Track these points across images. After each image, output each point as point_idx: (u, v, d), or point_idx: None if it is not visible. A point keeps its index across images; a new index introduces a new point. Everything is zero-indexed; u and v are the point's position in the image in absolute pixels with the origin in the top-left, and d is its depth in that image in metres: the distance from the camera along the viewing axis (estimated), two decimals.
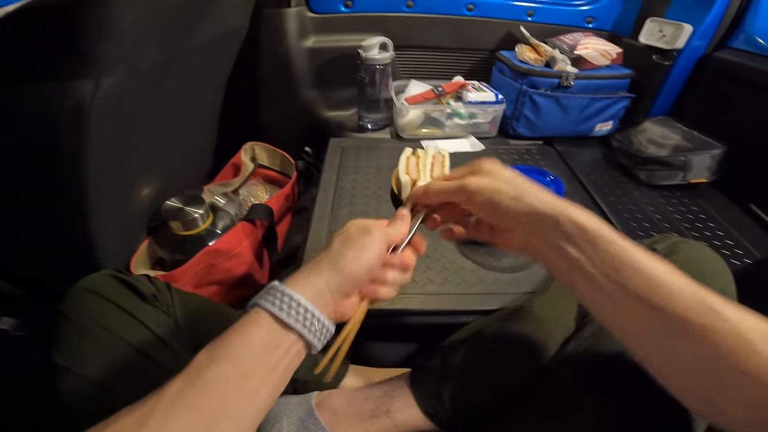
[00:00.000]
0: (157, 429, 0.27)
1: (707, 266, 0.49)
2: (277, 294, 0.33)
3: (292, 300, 0.33)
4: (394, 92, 1.15)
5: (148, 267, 0.80)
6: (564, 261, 0.34)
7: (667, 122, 1.06)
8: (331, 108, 1.28)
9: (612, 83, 1.11)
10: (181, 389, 0.29)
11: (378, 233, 0.38)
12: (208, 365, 0.30)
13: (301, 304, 0.33)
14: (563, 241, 0.34)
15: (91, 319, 0.46)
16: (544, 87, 1.08)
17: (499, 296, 0.67)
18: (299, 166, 1.16)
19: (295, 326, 0.33)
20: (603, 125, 1.16)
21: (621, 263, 0.31)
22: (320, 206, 0.87)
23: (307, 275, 0.36)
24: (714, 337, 0.27)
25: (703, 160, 0.94)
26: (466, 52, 1.29)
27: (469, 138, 1.14)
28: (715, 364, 0.27)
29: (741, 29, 1.01)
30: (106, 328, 0.46)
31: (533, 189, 0.36)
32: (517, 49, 1.15)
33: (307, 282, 0.35)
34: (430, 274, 0.72)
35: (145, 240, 0.80)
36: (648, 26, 1.10)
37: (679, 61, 1.06)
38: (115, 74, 0.55)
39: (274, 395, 0.33)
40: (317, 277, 0.35)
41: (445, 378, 0.53)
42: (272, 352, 0.32)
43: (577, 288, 0.34)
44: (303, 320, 0.33)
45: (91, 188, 0.61)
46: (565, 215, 0.34)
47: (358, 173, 0.98)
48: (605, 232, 0.33)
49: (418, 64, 1.30)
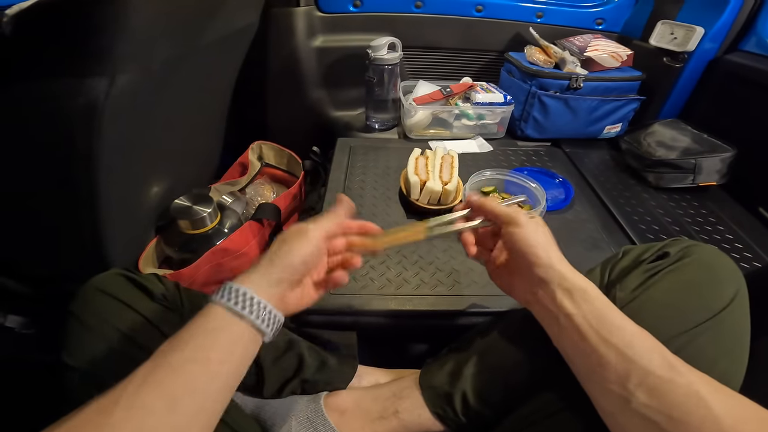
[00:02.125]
0: (128, 404, 0.30)
1: (719, 270, 0.48)
2: (227, 290, 0.38)
3: (239, 292, 0.37)
4: (402, 92, 1.14)
5: (156, 266, 0.81)
6: (560, 312, 0.40)
7: (676, 125, 1.05)
8: (339, 108, 1.28)
9: (622, 85, 1.10)
10: (149, 371, 0.32)
11: (313, 228, 0.43)
12: (172, 352, 0.34)
13: (247, 294, 0.37)
14: (564, 296, 0.40)
15: (101, 319, 0.46)
16: (553, 89, 1.07)
17: (509, 298, 0.67)
18: (306, 165, 1.16)
19: (243, 313, 0.36)
20: (612, 127, 1.15)
21: (609, 321, 0.38)
22: (328, 206, 0.87)
23: (249, 273, 0.40)
24: (667, 386, 0.32)
25: (712, 163, 0.93)
26: (475, 53, 1.29)
27: (477, 139, 1.14)
28: (664, 414, 0.32)
29: (753, 32, 1.01)
30: (116, 328, 0.46)
31: (554, 249, 0.44)
32: (526, 50, 1.14)
33: (250, 277, 0.39)
34: (440, 275, 0.72)
35: (153, 239, 0.80)
36: (659, 28, 1.09)
37: (690, 63, 1.05)
38: (128, 72, 0.55)
39: (235, 377, 0.36)
40: (257, 272, 0.40)
41: (456, 379, 0.53)
42: (227, 338, 0.36)
43: (563, 335, 0.41)
44: (250, 308, 0.37)
45: (102, 186, 0.61)
46: (570, 276, 0.41)
47: (366, 173, 0.98)
48: (597, 294, 0.40)
49: (426, 65, 1.29)
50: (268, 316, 0.38)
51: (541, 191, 0.81)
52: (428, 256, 0.76)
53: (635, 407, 0.33)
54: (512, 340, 0.53)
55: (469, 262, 0.73)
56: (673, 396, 0.32)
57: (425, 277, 0.72)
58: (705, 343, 0.40)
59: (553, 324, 0.42)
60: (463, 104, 1.12)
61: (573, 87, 1.06)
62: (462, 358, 0.55)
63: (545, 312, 0.43)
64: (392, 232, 0.49)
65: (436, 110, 1.12)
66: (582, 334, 0.38)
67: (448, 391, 0.52)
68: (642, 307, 0.43)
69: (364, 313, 0.67)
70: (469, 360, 0.54)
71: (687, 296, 0.43)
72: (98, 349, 0.45)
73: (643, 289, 0.45)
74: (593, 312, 0.39)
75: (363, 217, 0.83)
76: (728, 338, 0.41)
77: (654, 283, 0.45)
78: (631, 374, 0.34)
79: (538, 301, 0.43)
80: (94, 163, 0.58)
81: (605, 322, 0.38)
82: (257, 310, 0.37)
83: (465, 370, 0.53)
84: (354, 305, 0.67)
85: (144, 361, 0.45)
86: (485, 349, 0.55)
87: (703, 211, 0.92)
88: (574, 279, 0.41)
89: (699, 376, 0.33)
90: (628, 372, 0.34)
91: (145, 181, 0.77)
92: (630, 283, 0.46)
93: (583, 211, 0.89)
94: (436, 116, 1.13)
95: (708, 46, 1.03)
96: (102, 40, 0.50)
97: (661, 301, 0.43)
